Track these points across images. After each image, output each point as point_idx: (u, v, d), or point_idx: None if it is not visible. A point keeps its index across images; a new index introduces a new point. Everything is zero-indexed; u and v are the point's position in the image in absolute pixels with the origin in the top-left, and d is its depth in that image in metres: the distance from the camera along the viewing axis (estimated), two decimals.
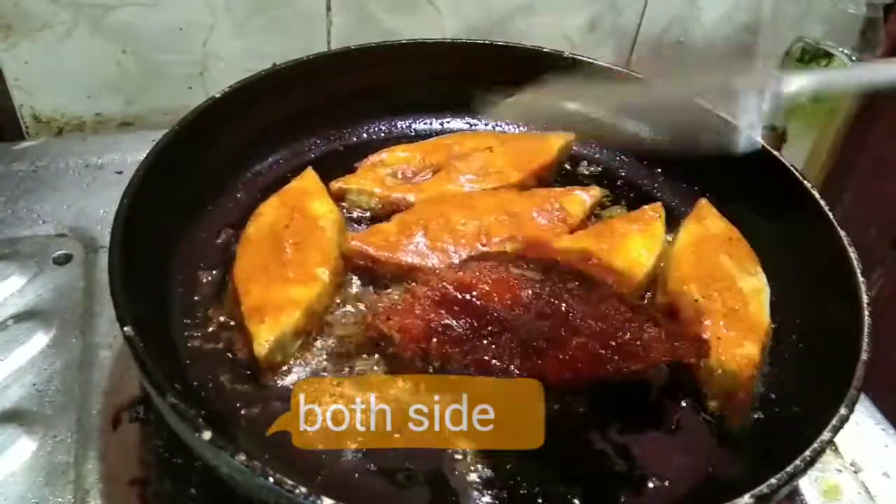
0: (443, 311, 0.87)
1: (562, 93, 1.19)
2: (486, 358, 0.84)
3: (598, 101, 1.21)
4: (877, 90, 1.10)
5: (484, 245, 1.02)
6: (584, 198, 1.11)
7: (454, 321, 0.86)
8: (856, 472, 1.00)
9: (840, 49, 1.65)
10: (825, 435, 0.73)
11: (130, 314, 0.75)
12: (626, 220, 1.08)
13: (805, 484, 0.96)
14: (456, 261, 0.99)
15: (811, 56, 1.68)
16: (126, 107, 1.43)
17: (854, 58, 1.64)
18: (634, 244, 1.03)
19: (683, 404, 0.91)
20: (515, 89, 1.27)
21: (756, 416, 0.90)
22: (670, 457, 0.86)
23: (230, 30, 1.38)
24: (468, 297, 0.88)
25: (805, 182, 1.04)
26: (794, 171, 1.05)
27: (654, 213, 1.08)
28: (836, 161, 1.82)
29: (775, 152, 1.09)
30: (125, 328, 0.74)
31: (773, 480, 0.69)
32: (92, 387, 0.97)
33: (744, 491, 0.69)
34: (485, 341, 0.85)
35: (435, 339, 0.85)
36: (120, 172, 1.30)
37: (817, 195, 1.02)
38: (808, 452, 0.71)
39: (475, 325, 0.86)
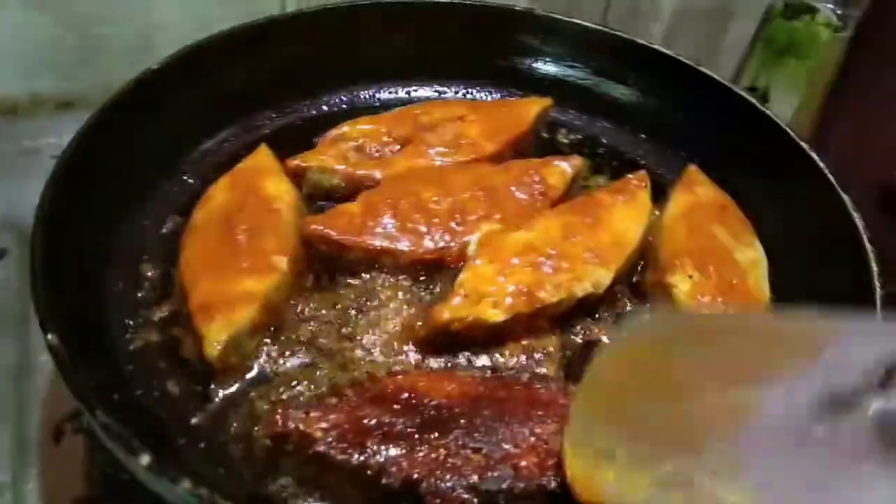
0: (380, 407, 0.74)
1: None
2: (440, 457, 0.70)
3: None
4: None
5: (459, 224, 0.93)
6: (564, 168, 1.02)
7: (394, 418, 0.73)
8: None
9: (823, 3, 1.58)
10: None
11: (54, 320, 0.66)
12: (610, 191, 1.00)
13: None
14: (430, 247, 0.90)
15: (794, 11, 1.60)
16: (64, 84, 1.31)
17: (839, 12, 1.56)
18: (620, 217, 0.94)
19: None
20: (486, 51, 1.19)
21: None
22: None
23: None
24: (408, 395, 0.75)
25: (802, 143, 0.97)
26: (790, 133, 0.98)
27: (638, 183, 1.00)
28: (815, 123, 1.75)
29: (769, 112, 1.02)
30: (48, 336, 0.64)
31: None
32: (30, 396, 0.89)
33: None
34: (433, 437, 0.72)
35: (370, 440, 0.71)
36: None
37: (816, 157, 0.95)
38: None
39: (419, 420, 0.73)
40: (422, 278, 0.90)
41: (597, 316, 0.89)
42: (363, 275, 0.90)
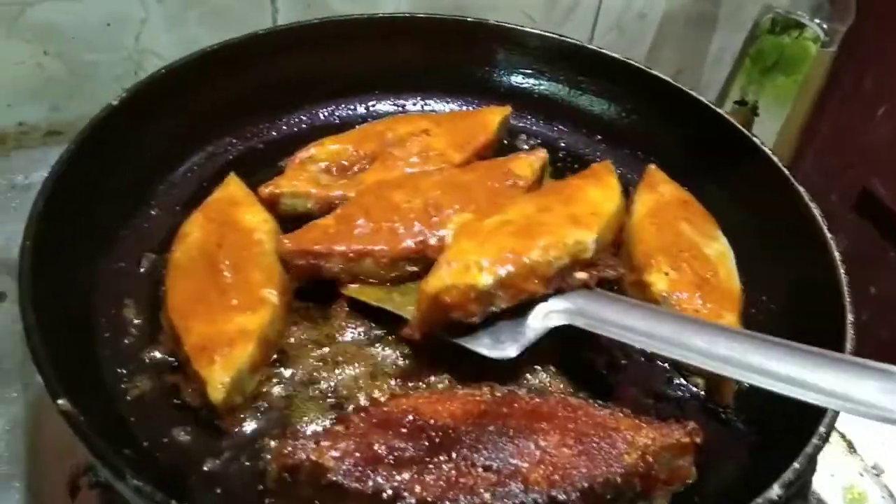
0: (387, 432, 0.74)
1: None
2: (451, 478, 0.71)
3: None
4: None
5: (434, 217, 0.92)
6: (531, 160, 1.03)
7: (403, 442, 0.73)
8: (878, 475, 0.97)
9: (810, 18, 1.59)
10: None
11: (63, 382, 0.63)
12: (579, 177, 1.00)
13: (827, 491, 0.94)
14: (409, 242, 0.89)
15: (782, 27, 1.61)
16: (52, 114, 1.27)
17: (825, 27, 1.59)
18: (593, 193, 0.95)
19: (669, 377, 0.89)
20: (443, 64, 1.20)
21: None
22: None
23: (164, 23, 1.24)
24: (413, 418, 0.76)
25: (754, 139, 1.02)
26: (743, 131, 1.03)
27: (604, 168, 1.01)
28: (799, 132, 1.78)
29: (718, 109, 1.07)
30: (59, 401, 0.62)
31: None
32: (41, 450, 0.85)
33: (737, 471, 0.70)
34: (443, 459, 0.72)
35: (382, 465, 0.71)
36: None
37: (769, 151, 1.01)
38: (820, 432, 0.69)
39: (427, 442, 0.74)
40: None
41: None
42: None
